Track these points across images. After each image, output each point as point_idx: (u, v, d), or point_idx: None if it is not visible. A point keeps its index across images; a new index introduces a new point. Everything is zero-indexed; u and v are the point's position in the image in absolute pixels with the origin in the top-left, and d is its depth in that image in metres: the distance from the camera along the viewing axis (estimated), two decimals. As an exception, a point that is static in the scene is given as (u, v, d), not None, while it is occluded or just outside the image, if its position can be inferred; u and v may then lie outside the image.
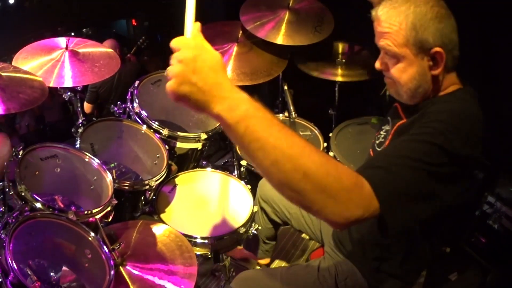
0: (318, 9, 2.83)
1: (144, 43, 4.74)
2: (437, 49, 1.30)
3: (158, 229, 1.97)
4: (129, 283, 1.67)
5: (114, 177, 2.03)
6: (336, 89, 2.94)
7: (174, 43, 0.97)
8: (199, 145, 2.57)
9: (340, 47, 3.00)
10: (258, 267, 2.52)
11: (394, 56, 1.36)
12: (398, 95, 1.45)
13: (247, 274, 1.82)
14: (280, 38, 2.64)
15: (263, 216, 2.24)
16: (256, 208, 2.19)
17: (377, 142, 1.61)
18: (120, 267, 1.73)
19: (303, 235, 2.72)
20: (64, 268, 1.75)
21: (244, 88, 0.95)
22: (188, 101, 0.93)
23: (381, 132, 1.60)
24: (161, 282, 1.68)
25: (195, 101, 0.92)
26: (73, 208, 1.80)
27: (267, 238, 2.32)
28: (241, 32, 2.79)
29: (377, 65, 1.45)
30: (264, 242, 2.34)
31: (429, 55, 1.32)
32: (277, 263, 2.65)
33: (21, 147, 1.83)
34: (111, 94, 4.09)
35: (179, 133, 2.49)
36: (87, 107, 4.06)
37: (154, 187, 2.21)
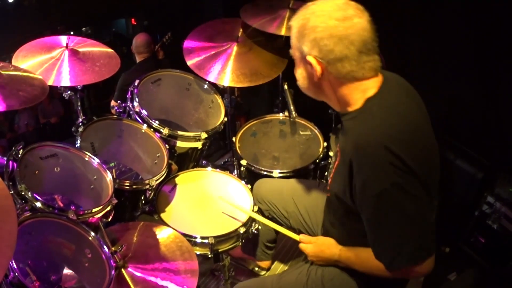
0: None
1: (169, 39, 4.64)
2: (309, 58, 1.35)
3: (158, 230, 1.97)
4: (132, 285, 1.67)
5: (114, 176, 2.03)
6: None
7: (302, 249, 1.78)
8: (199, 144, 2.57)
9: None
10: (257, 269, 2.52)
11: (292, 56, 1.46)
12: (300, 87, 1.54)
13: (238, 287, 1.86)
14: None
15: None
16: (256, 208, 2.19)
17: (330, 168, 1.68)
18: (122, 269, 1.72)
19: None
20: (65, 270, 1.76)
21: (246, 87, 1.01)
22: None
23: (332, 160, 1.65)
24: (164, 282, 1.69)
25: (325, 264, 1.72)
26: (72, 207, 1.79)
27: (268, 241, 2.31)
28: (241, 31, 2.78)
29: None
30: (265, 246, 2.33)
31: (307, 63, 1.38)
32: (276, 264, 2.65)
33: (21, 146, 1.82)
34: None
35: (180, 132, 2.49)
36: (113, 105, 3.78)
37: (154, 186, 2.21)
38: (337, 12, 1.30)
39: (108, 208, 1.89)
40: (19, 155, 1.79)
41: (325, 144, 2.67)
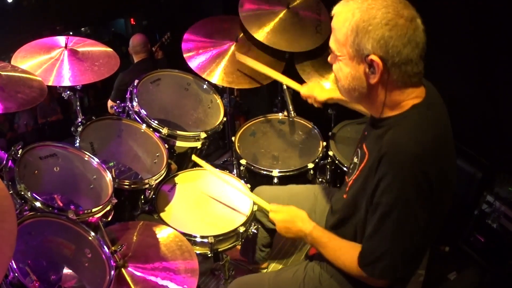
0: (315, 4, 2.84)
1: (168, 39, 4.60)
2: (373, 57, 1.23)
3: (158, 230, 1.97)
4: (132, 285, 1.67)
5: (114, 176, 2.02)
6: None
7: (272, 218, 1.76)
8: (198, 144, 2.57)
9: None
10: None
11: (334, 53, 1.35)
12: (339, 90, 1.44)
13: (236, 282, 1.85)
14: (281, 44, 2.66)
15: (260, 227, 2.23)
16: (255, 207, 2.19)
17: (350, 169, 1.62)
18: (122, 269, 1.72)
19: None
20: (65, 270, 1.75)
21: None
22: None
23: (353, 161, 1.59)
24: (164, 282, 1.68)
25: (292, 238, 1.73)
26: (72, 207, 1.79)
27: (263, 246, 2.31)
28: (241, 33, 2.78)
29: (329, 58, 1.42)
30: (260, 250, 2.33)
31: (365, 62, 1.26)
32: (276, 263, 2.65)
33: (20, 146, 1.82)
34: None
35: (179, 132, 2.49)
36: (111, 105, 3.85)
37: (153, 186, 2.21)
38: (404, 10, 1.22)
39: (108, 208, 1.88)
40: (18, 155, 1.79)
41: (324, 143, 2.67)
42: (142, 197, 2.26)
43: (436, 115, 1.35)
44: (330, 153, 2.62)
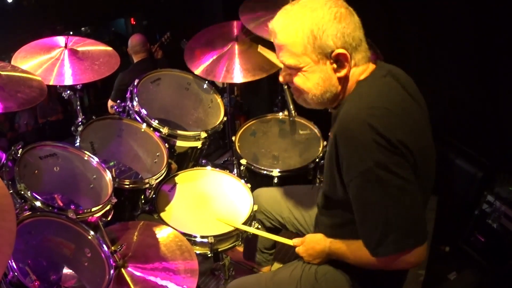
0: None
1: (168, 39, 4.64)
2: (339, 51, 1.29)
3: (158, 230, 1.97)
4: (131, 285, 1.67)
5: (114, 175, 2.02)
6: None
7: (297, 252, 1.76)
8: (198, 144, 2.57)
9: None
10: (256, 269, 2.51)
11: (295, 67, 1.36)
12: (306, 103, 1.46)
13: (234, 283, 1.86)
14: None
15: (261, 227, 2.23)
16: (256, 207, 2.19)
17: None
18: (122, 269, 1.72)
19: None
20: (64, 269, 1.75)
21: (246, 86, 1.00)
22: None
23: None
24: (164, 282, 1.68)
25: (320, 262, 1.68)
26: (72, 206, 1.79)
27: (265, 248, 2.29)
28: (238, 29, 2.78)
29: (281, 79, 1.45)
30: (262, 252, 2.32)
31: (331, 59, 1.31)
32: (275, 265, 2.64)
33: (20, 146, 1.82)
34: None
35: (179, 132, 2.49)
36: (112, 104, 3.84)
37: (154, 185, 2.21)
38: (337, 1, 1.31)
39: (108, 207, 1.89)
40: (18, 155, 1.79)
41: (325, 143, 2.67)
42: (142, 197, 2.26)
43: (384, 86, 1.36)
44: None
